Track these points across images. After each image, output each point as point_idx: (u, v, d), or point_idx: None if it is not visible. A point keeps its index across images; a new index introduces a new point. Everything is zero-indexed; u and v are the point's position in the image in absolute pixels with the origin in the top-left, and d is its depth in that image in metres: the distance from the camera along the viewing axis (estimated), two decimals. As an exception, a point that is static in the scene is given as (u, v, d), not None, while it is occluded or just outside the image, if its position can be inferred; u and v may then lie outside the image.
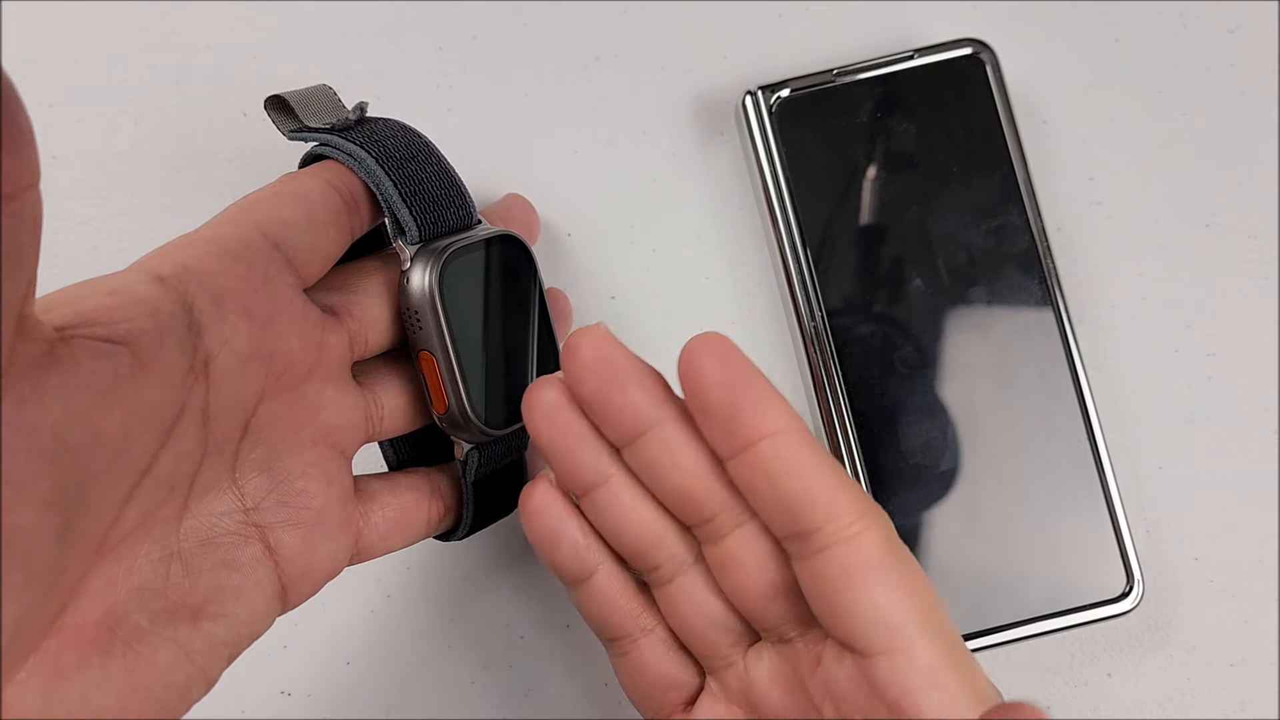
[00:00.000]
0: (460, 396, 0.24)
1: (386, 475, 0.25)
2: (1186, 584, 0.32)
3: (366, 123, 0.24)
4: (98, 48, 0.33)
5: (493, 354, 0.25)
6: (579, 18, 0.34)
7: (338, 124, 0.23)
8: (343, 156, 0.23)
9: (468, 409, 0.24)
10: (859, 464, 0.30)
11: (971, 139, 0.31)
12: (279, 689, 0.32)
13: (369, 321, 0.24)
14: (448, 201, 0.24)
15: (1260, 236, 0.33)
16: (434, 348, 0.23)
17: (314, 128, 0.24)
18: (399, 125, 0.24)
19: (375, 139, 0.23)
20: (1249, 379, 0.33)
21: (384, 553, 0.24)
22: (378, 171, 0.23)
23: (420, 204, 0.23)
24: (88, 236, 0.33)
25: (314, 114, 0.24)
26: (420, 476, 0.25)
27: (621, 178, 0.33)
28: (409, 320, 0.24)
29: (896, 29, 0.34)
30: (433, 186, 0.24)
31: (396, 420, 0.25)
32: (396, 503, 0.24)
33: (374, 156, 0.23)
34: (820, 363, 0.31)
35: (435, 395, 0.24)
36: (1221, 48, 0.34)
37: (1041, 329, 0.31)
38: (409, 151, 0.24)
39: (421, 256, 0.23)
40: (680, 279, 0.33)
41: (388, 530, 0.24)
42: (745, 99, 0.31)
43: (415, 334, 0.24)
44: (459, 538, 0.27)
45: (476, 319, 0.24)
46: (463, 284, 0.24)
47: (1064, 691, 0.32)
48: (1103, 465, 0.30)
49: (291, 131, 0.24)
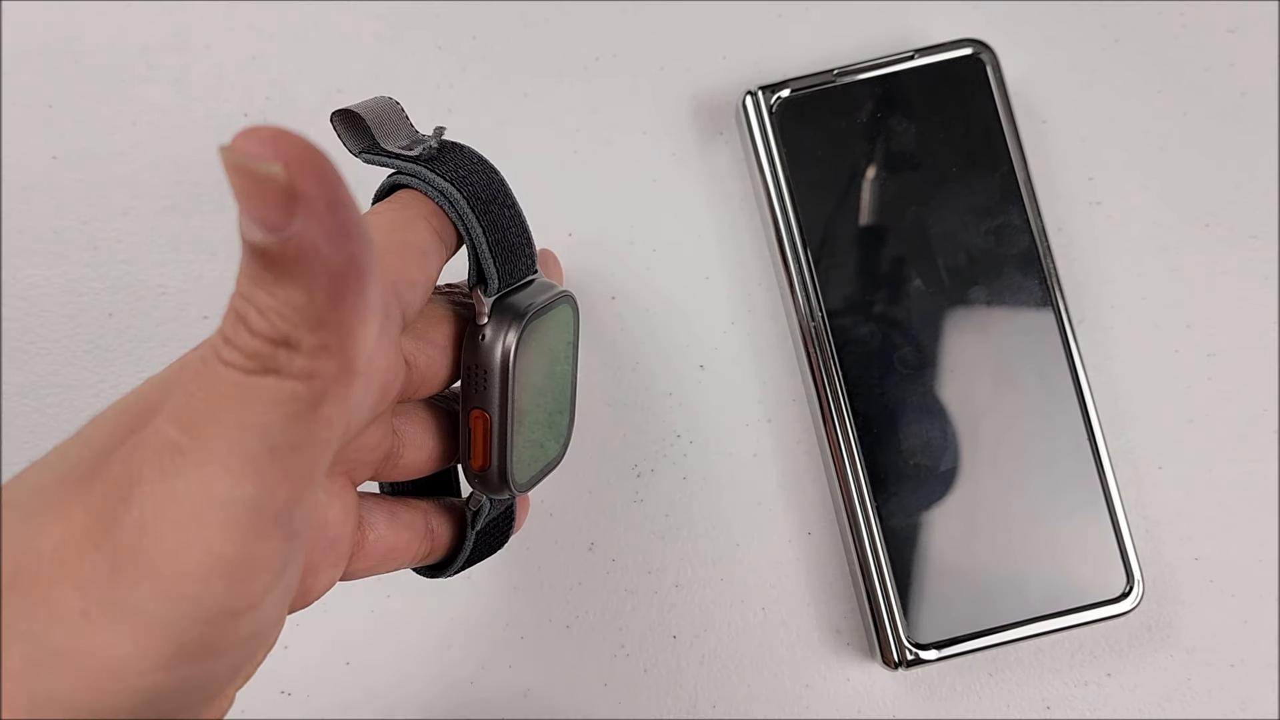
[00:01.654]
0: (505, 459, 0.23)
1: (387, 506, 0.24)
2: (1186, 584, 0.32)
3: (447, 151, 0.22)
4: (98, 48, 0.33)
5: (533, 415, 0.24)
6: (579, 18, 0.34)
7: (423, 153, 0.22)
8: (434, 194, 0.21)
9: (510, 473, 0.23)
10: (859, 464, 0.30)
11: (971, 139, 0.31)
12: (279, 689, 0.32)
13: (430, 373, 0.23)
14: (520, 250, 0.23)
15: (1260, 236, 0.33)
16: (492, 409, 0.22)
17: (393, 153, 0.22)
18: (478, 158, 0.23)
19: (462, 176, 0.22)
20: (1249, 379, 0.33)
21: (366, 576, 0.24)
22: (470, 216, 0.21)
23: (501, 253, 0.22)
24: (88, 236, 0.33)
25: (388, 134, 0.22)
26: (419, 515, 0.25)
27: (621, 178, 0.33)
28: (472, 376, 0.22)
29: (896, 29, 0.34)
30: (510, 233, 0.22)
31: (415, 463, 0.24)
32: (394, 538, 0.24)
33: (465, 197, 0.21)
34: (820, 363, 0.31)
35: (477, 453, 0.23)
36: (1221, 48, 0.34)
37: (1041, 329, 0.31)
38: (490, 192, 0.22)
39: (500, 315, 0.22)
40: (680, 279, 0.33)
41: (377, 562, 0.23)
42: (745, 99, 0.31)
43: (476, 392, 0.22)
44: (448, 575, 0.26)
45: (530, 380, 0.23)
46: (528, 346, 0.23)
47: (1064, 691, 0.32)
48: (1103, 465, 0.30)
49: (363, 152, 0.22)
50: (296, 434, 0.15)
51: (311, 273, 0.14)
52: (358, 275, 0.15)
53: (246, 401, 0.15)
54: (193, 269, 0.33)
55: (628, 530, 0.32)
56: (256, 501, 0.15)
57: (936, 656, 0.29)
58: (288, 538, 0.16)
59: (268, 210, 0.13)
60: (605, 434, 0.32)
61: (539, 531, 0.32)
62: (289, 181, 0.13)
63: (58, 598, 0.15)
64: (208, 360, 0.15)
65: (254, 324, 0.15)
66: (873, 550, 0.30)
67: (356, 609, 0.32)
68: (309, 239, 0.14)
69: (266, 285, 0.14)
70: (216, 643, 0.16)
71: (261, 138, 0.13)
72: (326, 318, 0.15)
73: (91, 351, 0.33)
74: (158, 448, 0.15)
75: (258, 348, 0.15)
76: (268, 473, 0.15)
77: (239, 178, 0.13)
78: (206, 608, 0.15)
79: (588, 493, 0.32)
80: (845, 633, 0.32)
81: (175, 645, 0.15)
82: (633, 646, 0.32)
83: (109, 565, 0.15)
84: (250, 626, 0.16)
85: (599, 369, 0.33)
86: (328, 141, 0.21)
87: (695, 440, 0.32)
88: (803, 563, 0.32)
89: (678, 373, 0.33)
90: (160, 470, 0.15)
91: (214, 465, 0.15)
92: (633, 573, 0.32)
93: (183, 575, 0.15)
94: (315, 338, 0.15)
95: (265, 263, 0.14)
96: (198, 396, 0.15)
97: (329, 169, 0.14)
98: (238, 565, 0.15)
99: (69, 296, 0.33)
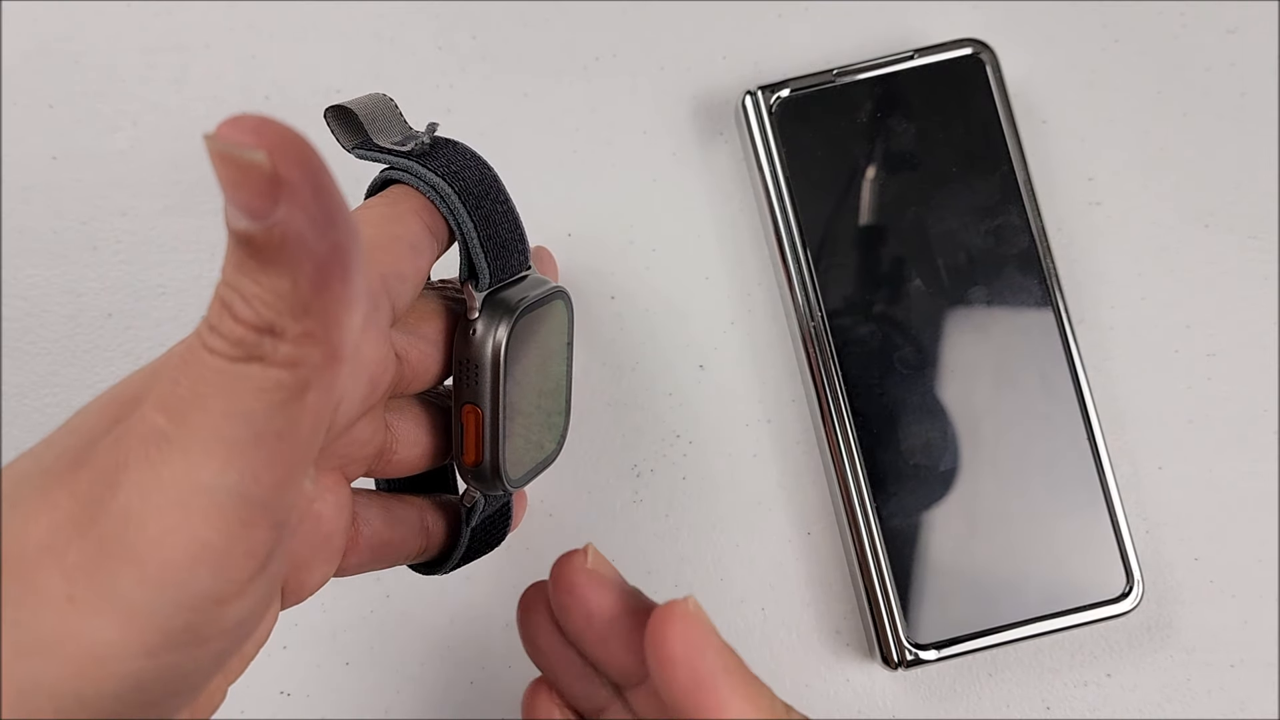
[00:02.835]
0: (498, 454, 0.23)
1: (382, 503, 0.24)
2: (1186, 584, 0.32)
3: (440, 147, 0.22)
4: (98, 48, 0.33)
5: (528, 411, 0.24)
6: (579, 18, 0.34)
7: (415, 148, 0.22)
8: (425, 189, 0.21)
9: (502, 468, 0.23)
10: (859, 464, 0.30)
11: (971, 139, 0.31)
12: (279, 689, 0.32)
13: (422, 368, 0.23)
14: (512, 245, 0.23)
15: (1260, 236, 0.33)
16: (483, 403, 0.22)
17: (385, 148, 0.22)
18: (470, 154, 0.23)
19: (454, 171, 0.22)
20: (1249, 379, 0.33)
21: (360, 573, 0.24)
22: (462, 211, 0.21)
23: (493, 249, 0.22)
24: (88, 236, 0.33)
25: (382, 130, 0.22)
26: (414, 511, 0.25)
27: (621, 177, 0.33)
28: (464, 370, 0.22)
29: (896, 29, 0.34)
30: (502, 229, 0.22)
31: (408, 460, 0.24)
32: (388, 534, 0.24)
33: (457, 193, 0.21)
34: (820, 363, 0.31)
35: (469, 447, 0.23)
36: (1221, 48, 0.34)
37: (1041, 329, 0.31)
38: (483, 188, 0.22)
39: (491, 310, 0.22)
40: (680, 279, 0.33)
41: (371, 558, 0.23)
42: (745, 99, 0.31)
43: (467, 386, 0.22)
44: (443, 573, 0.26)
45: (523, 376, 0.23)
46: (521, 341, 0.23)
47: (1064, 691, 0.32)
48: (1103, 465, 0.30)
49: (356, 148, 0.22)
50: (282, 421, 0.15)
51: (296, 259, 0.14)
52: (342, 262, 0.15)
53: (232, 389, 0.15)
54: (192, 269, 0.33)
55: (627, 530, 0.32)
56: (241, 489, 0.15)
57: (936, 657, 0.29)
58: (274, 526, 0.16)
59: (252, 197, 0.13)
60: (605, 434, 0.32)
61: (539, 531, 0.32)
62: (273, 168, 0.13)
63: (44, 584, 0.15)
64: (193, 348, 0.15)
65: (239, 311, 0.15)
66: (872, 550, 0.30)
67: (356, 609, 0.32)
68: (293, 226, 0.14)
69: (251, 273, 0.14)
70: (202, 630, 0.16)
71: (246, 125, 0.13)
72: (311, 305, 0.15)
73: (91, 351, 0.33)
74: (143, 435, 0.15)
75: (242, 335, 0.15)
76: (253, 460, 0.15)
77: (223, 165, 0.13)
78: (192, 594, 0.15)
79: (587, 493, 0.32)
80: (845, 633, 0.32)
81: (160, 632, 0.15)
82: (632, 646, 0.32)
83: (95, 551, 0.15)
84: (236, 614, 0.16)
85: (599, 369, 0.33)
86: (323, 138, 0.21)
87: (695, 440, 0.32)
88: (802, 563, 0.32)
89: (677, 373, 0.33)
90: (146, 457, 0.15)
91: (199, 452, 0.15)
92: (632, 573, 0.32)
93: (168, 562, 0.15)
94: (300, 325, 0.15)
95: (250, 250, 0.14)
96: (183, 384, 0.15)
97: (313, 156, 0.14)
98: (223, 552, 0.15)
99: (69, 296, 0.33)
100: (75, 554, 0.15)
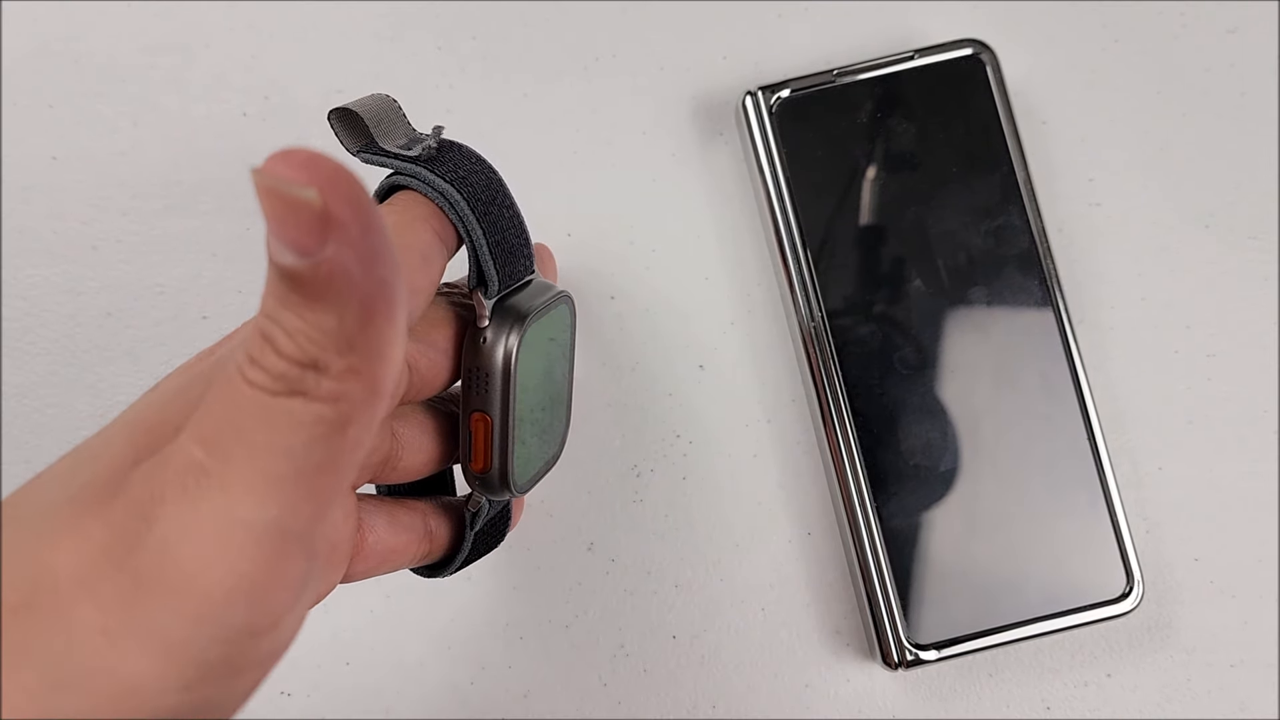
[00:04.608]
0: (506, 462, 0.23)
1: (387, 509, 0.24)
2: (1186, 584, 0.32)
3: (446, 150, 0.22)
4: (98, 48, 0.33)
5: (533, 417, 0.24)
6: (579, 18, 0.34)
7: (422, 153, 0.21)
8: (433, 195, 0.21)
9: (511, 475, 0.23)
10: (859, 464, 0.30)
11: (971, 139, 0.31)
12: (279, 689, 0.32)
13: (431, 376, 0.22)
14: (519, 251, 0.23)
15: (1260, 236, 0.33)
16: (493, 411, 0.22)
17: (392, 152, 0.21)
18: (476, 158, 0.22)
19: (462, 176, 0.21)
20: (1249, 379, 0.33)
21: (366, 578, 0.24)
22: (471, 219, 0.21)
23: (502, 255, 0.22)
24: (88, 236, 0.33)
25: (386, 133, 0.22)
26: (417, 516, 0.25)
27: (621, 177, 0.33)
28: (473, 378, 0.22)
29: (896, 29, 0.34)
30: (509, 234, 0.22)
31: (413, 466, 0.24)
32: (393, 540, 0.24)
33: (466, 199, 0.21)
34: (820, 363, 0.31)
35: (478, 455, 0.23)
36: (1221, 48, 0.34)
37: (1041, 329, 0.31)
38: (490, 193, 0.22)
39: (501, 318, 0.22)
40: (680, 279, 0.33)
41: (376, 564, 0.23)
42: (745, 99, 0.31)
43: (476, 394, 0.22)
44: (446, 575, 0.26)
45: (531, 383, 0.23)
46: (528, 348, 0.23)
47: (1064, 691, 0.32)
48: (1103, 465, 0.30)
49: (361, 151, 0.22)
50: (321, 456, 0.15)
51: (343, 297, 0.14)
52: (388, 298, 0.15)
53: (272, 423, 0.15)
54: (192, 269, 0.33)
55: (627, 530, 0.32)
56: (280, 523, 0.15)
57: (936, 657, 0.29)
58: (309, 557, 0.16)
59: (300, 234, 0.13)
60: (605, 434, 0.32)
61: (538, 531, 0.32)
62: (324, 206, 0.13)
63: (78, 617, 0.15)
64: (232, 380, 0.15)
65: (282, 346, 0.15)
66: (872, 551, 0.30)
67: (356, 609, 0.32)
68: (341, 263, 0.14)
69: (295, 308, 0.14)
70: (237, 662, 0.16)
71: (295, 161, 0.13)
72: (356, 341, 0.15)
73: (91, 351, 0.33)
74: (180, 468, 0.15)
75: (285, 370, 0.15)
76: (292, 494, 0.15)
77: (271, 201, 0.13)
78: (228, 628, 0.15)
79: (587, 493, 0.32)
80: (845, 633, 0.32)
81: (196, 665, 0.15)
82: (632, 646, 0.32)
83: (130, 585, 0.15)
84: (270, 645, 0.16)
85: (599, 369, 0.33)
86: (327, 142, 0.21)
87: (695, 440, 0.32)
88: (803, 563, 0.32)
89: (677, 373, 0.33)
90: (184, 490, 0.15)
91: (239, 487, 0.15)
92: (632, 573, 0.32)
93: (205, 596, 0.15)
94: (344, 361, 0.15)
95: (294, 285, 0.14)
96: (222, 417, 0.15)
97: (362, 193, 0.14)
98: (260, 586, 0.15)
99: (68, 296, 0.33)
100: (110, 587, 0.15)
